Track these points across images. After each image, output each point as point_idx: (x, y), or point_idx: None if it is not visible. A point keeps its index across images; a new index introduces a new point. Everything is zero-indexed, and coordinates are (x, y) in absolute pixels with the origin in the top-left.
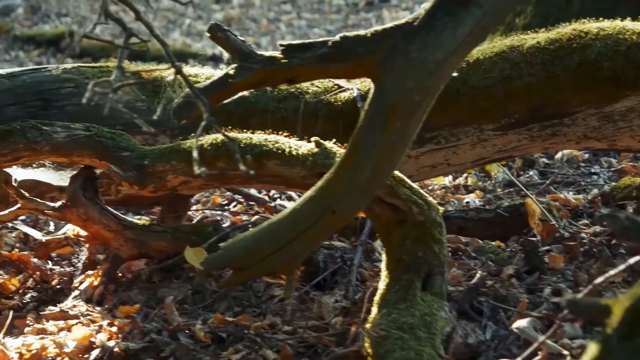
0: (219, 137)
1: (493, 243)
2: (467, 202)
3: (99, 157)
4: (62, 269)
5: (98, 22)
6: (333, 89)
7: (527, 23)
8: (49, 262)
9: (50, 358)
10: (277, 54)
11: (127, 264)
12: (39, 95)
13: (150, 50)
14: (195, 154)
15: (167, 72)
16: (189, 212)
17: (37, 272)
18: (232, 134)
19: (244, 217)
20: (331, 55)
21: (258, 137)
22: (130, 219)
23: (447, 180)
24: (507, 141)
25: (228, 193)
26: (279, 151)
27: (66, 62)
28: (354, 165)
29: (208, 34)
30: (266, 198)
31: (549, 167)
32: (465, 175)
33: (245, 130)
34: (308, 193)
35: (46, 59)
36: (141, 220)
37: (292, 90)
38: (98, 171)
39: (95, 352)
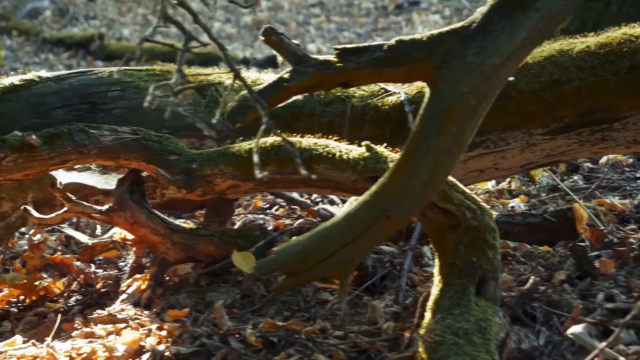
0: (268, 141)
1: (541, 248)
2: (512, 207)
3: (146, 161)
4: (105, 272)
5: (158, 26)
6: (380, 92)
7: (566, 27)
8: (92, 265)
9: None
10: (331, 57)
11: (173, 267)
12: (86, 98)
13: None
14: (255, 158)
15: (224, 76)
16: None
17: (81, 276)
18: (280, 138)
19: (287, 221)
20: (386, 59)
21: (307, 140)
22: (177, 222)
23: (490, 185)
24: (556, 146)
25: (270, 196)
26: (329, 155)
27: (96, 65)
28: (409, 170)
29: (262, 38)
30: (308, 202)
31: (594, 171)
32: (508, 179)
33: (292, 134)
34: (362, 198)
35: (76, 62)
36: (187, 224)
37: (339, 94)
38: (144, 174)
39: (145, 356)
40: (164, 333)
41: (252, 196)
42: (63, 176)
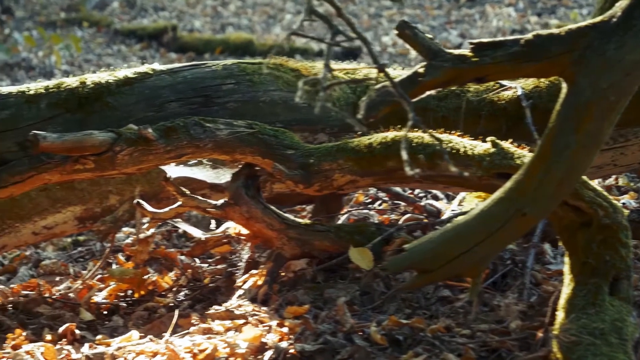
0: (388, 135)
1: None
2: (624, 204)
3: (262, 155)
4: (212, 267)
5: (305, 19)
6: (495, 87)
7: None
8: (196, 259)
9: (223, 359)
10: (466, 52)
11: (287, 263)
12: (200, 91)
13: (255, 44)
14: (404, 154)
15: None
16: None
17: (189, 270)
18: (402, 133)
19: (392, 216)
20: (523, 53)
21: (430, 136)
22: (292, 217)
23: (596, 181)
24: None
25: (371, 191)
26: (453, 151)
27: (168, 56)
28: (545, 167)
29: (396, 32)
30: (413, 197)
31: None
32: (615, 175)
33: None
34: (496, 194)
35: (149, 54)
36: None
37: (453, 88)
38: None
39: (268, 354)
40: (285, 330)
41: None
42: (172, 170)
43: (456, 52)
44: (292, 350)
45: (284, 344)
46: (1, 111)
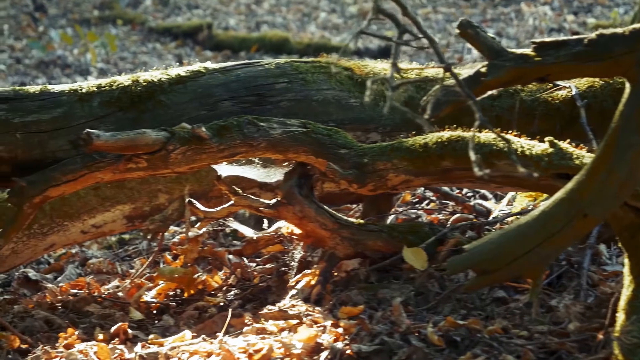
0: (444, 135)
1: None
2: None
3: (315, 154)
4: (262, 267)
5: (372, 18)
6: (549, 86)
7: None
8: (245, 259)
9: (278, 359)
10: (528, 51)
11: (339, 263)
12: (253, 90)
13: (292, 43)
14: (472, 155)
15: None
16: None
17: (238, 270)
18: (459, 132)
19: (440, 216)
20: (587, 53)
21: (486, 135)
22: (345, 217)
23: None
24: None
25: (419, 191)
26: None
27: (204, 55)
28: (607, 168)
29: (457, 31)
30: (462, 197)
31: None
32: None
33: (464, 128)
34: (557, 195)
35: (184, 52)
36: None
37: (507, 88)
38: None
39: (324, 354)
40: (340, 330)
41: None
42: (223, 169)
43: (518, 51)
44: (348, 351)
45: (339, 345)
46: (54, 109)
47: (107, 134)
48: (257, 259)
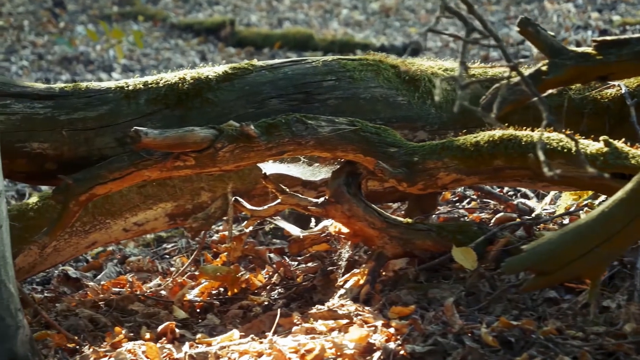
0: (495, 134)
1: None
2: None
3: (363, 153)
4: (305, 265)
5: (440, 16)
6: (597, 85)
7: None
8: (286, 257)
9: (331, 359)
10: (590, 50)
11: (387, 262)
12: (301, 88)
13: (315, 39)
14: (541, 155)
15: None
16: None
17: (281, 268)
18: (511, 131)
19: (482, 215)
20: None
21: (539, 134)
22: (393, 216)
23: None
24: None
25: (459, 189)
26: (565, 150)
27: (227, 51)
28: None
29: (517, 29)
30: (503, 195)
31: None
32: None
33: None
34: (617, 195)
35: (207, 48)
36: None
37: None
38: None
39: (376, 354)
40: (391, 330)
41: None
42: (268, 167)
43: (579, 50)
44: (402, 352)
45: (392, 345)
46: (100, 106)
47: (156, 131)
48: (299, 258)
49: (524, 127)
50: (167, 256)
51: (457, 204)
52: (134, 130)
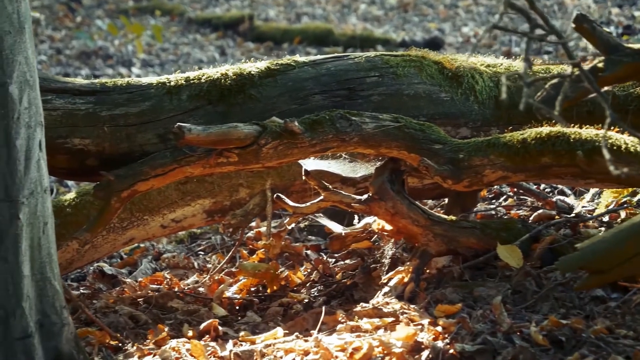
0: (543, 131)
1: None
2: None
3: (408, 150)
4: (342, 263)
5: (504, 13)
6: None
7: None
8: (322, 254)
9: (379, 358)
10: None
11: (430, 260)
12: (344, 84)
13: (335, 34)
14: (606, 153)
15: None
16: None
17: (320, 266)
18: (558, 128)
19: (520, 212)
20: None
21: (587, 131)
22: (437, 214)
23: None
24: None
25: (495, 186)
26: (614, 147)
27: (245, 46)
28: None
29: (573, 25)
30: (542, 192)
31: None
32: None
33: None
34: None
35: (226, 43)
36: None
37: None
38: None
39: (425, 353)
40: (439, 329)
41: None
42: (308, 163)
43: (636, 46)
44: (451, 351)
45: (440, 344)
46: (142, 102)
47: (199, 127)
48: (336, 255)
49: (571, 125)
50: (202, 253)
51: (493, 201)
52: (177, 127)
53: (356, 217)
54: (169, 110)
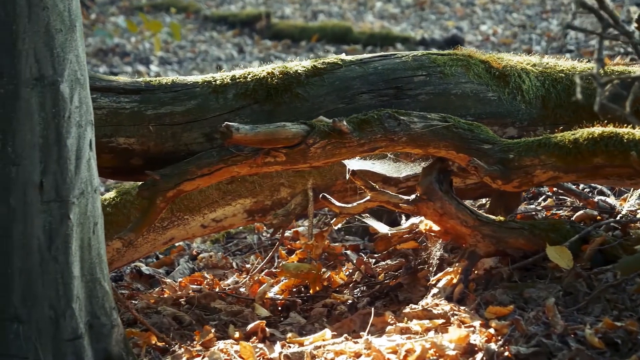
0: (595, 131)
1: None
2: None
3: (456, 149)
4: (384, 263)
5: (576, 12)
6: None
7: None
8: (362, 254)
9: None
10: None
11: (478, 261)
12: (392, 83)
13: (354, 32)
14: None
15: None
16: None
17: (362, 266)
18: (611, 128)
19: (560, 212)
20: None
21: None
22: (486, 214)
23: None
24: None
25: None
26: None
27: (263, 44)
28: None
29: (635, 25)
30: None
31: None
32: None
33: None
34: None
35: (243, 40)
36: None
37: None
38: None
39: (479, 356)
40: (491, 331)
41: None
42: (352, 163)
43: None
44: (506, 353)
45: (493, 346)
46: (187, 101)
47: (247, 126)
48: (376, 255)
49: (613, 124)
50: (239, 252)
51: (532, 201)
52: (225, 126)
53: (403, 217)
54: (215, 109)
